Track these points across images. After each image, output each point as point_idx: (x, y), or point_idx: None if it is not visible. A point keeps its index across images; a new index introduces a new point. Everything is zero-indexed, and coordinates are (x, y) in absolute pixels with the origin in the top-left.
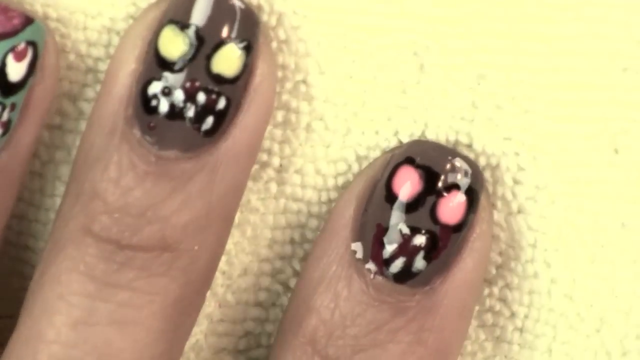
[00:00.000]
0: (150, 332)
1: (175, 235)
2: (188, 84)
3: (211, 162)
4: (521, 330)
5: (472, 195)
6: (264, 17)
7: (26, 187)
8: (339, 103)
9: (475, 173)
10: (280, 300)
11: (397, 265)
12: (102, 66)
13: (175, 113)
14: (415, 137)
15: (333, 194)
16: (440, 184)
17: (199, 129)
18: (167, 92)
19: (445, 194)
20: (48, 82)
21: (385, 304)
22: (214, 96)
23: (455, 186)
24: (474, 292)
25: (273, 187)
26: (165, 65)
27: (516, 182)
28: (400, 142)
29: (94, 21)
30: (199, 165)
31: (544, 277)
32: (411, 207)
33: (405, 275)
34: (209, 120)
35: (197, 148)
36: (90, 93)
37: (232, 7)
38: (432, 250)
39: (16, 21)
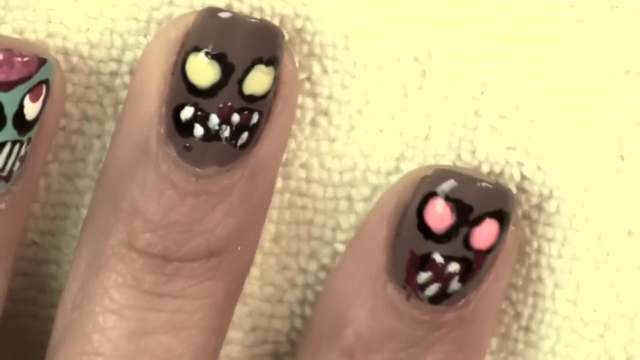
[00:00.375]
0: (204, 333)
1: (221, 243)
2: (222, 109)
3: (248, 170)
4: (526, 329)
5: (503, 218)
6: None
7: None
8: (342, 100)
9: (505, 196)
10: (287, 297)
11: (433, 289)
12: (105, 68)
13: (211, 135)
14: (420, 139)
15: (340, 192)
16: (471, 216)
17: (235, 145)
18: (201, 117)
19: (477, 224)
20: (56, 108)
21: (422, 324)
22: (247, 113)
23: (486, 214)
24: (503, 294)
25: (278, 181)
26: (196, 91)
27: (520, 190)
28: (407, 145)
29: (96, 22)
30: (237, 176)
31: (548, 282)
32: (444, 238)
33: (441, 297)
34: (244, 136)
35: (233, 160)
36: (92, 95)
37: (254, 26)
38: (467, 273)
39: (31, 65)
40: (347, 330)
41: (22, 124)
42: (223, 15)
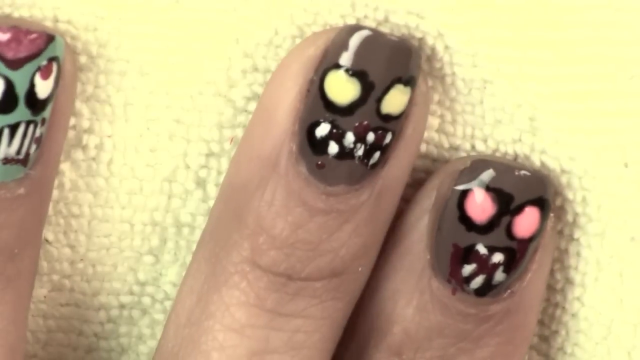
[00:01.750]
0: (321, 354)
1: (345, 263)
2: (359, 127)
3: (376, 190)
4: (540, 322)
5: (544, 205)
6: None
7: None
8: None
9: (544, 183)
10: None
11: (478, 281)
12: (113, 67)
13: (345, 154)
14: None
15: None
16: (513, 204)
17: (367, 164)
18: (336, 135)
19: (519, 212)
20: (68, 89)
21: (469, 317)
22: (381, 133)
23: (528, 202)
24: (545, 282)
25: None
26: (334, 109)
27: None
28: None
29: (104, 22)
30: (365, 196)
31: (559, 276)
32: (487, 228)
33: (486, 289)
34: (376, 155)
35: (362, 179)
36: (102, 94)
37: (394, 45)
38: (511, 263)
39: (40, 41)
40: (394, 329)
41: (35, 103)
42: (364, 32)
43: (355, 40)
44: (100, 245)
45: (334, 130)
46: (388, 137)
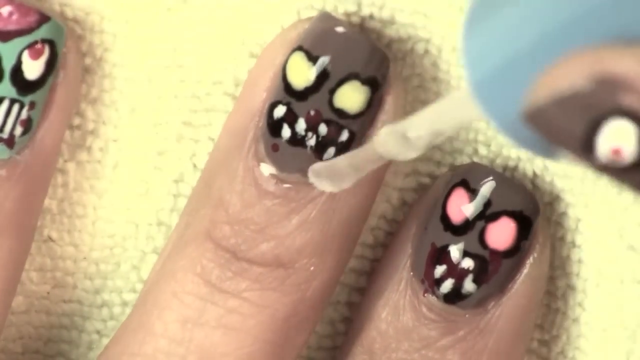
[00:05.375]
0: (256, 342)
1: (290, 255)
2: (309, 115)
3: None
4: (540, 327)
5: (524, 222)
6: None
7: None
8: None
9: (529, 202)
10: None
11: (447, 286)
12: (118, 73)
13: (296, 140)
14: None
15: None
16: (489, 210)
17: (320, 157)
18: (289, 118)
19: (493, 219)
20: (70, 82)
21: (435, 323)
22: (335, 129)
23: (505, 213)
24: (529, 317)
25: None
26: (290, 91)
27: (534, 186)
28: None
29: (110, 24)
30: (316, 192)
31: (560, 283)
32: (461, 230)
33: (454, 297)
34: (331, 151)
35: None
36: (107, 98)
37: (361, 42)
38: (482, 274)
39: (31, 18)
40: (369, 326)
41: (21, 82)
42: (337, 22)
43: (325, 29)
44: (104, 244)
45: (288, 114)
46: (344, 135)
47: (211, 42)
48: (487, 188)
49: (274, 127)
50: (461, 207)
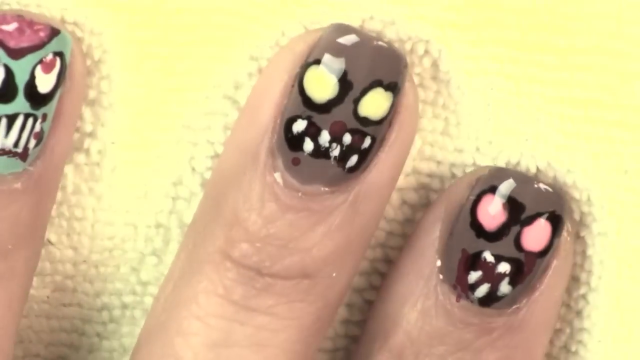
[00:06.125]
0: (286, 355)
1: (315, 265)
2: (335, 126)
3: (353, 195)
4: None
5: (556, 221)
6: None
7: None
8: None
9: (559, 200)
10: None
11: (482, 290)
12: (116, 75)
13: (320, 152)
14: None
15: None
16: (523, 215)
17: (343, 166)
18: (312, 132)
19: (529, 223)
20: (76, 89)
21: (471, 326)
22: (359, 136)
23: (539, 215)
24: (557, 308)
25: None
26: (311, 105)
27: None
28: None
29: (109, 27)
30: (341, 199)
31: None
32: (495, 236)
33: (490, 300)
34: (353, 159)
35: (339, 183)
36: (105, 100)
37: (379, 49)
38: (517, 276)
39: (42, 34)
40: (397, 331)
41: (35, 96)
42: (351, 33)
43: (341, 40)
44: (103, 247)
45: (310, 127)
46: (367, 142)
47: (210, 45)
48: (518, 193)
49: (293, 141)
50: (494, 214)
